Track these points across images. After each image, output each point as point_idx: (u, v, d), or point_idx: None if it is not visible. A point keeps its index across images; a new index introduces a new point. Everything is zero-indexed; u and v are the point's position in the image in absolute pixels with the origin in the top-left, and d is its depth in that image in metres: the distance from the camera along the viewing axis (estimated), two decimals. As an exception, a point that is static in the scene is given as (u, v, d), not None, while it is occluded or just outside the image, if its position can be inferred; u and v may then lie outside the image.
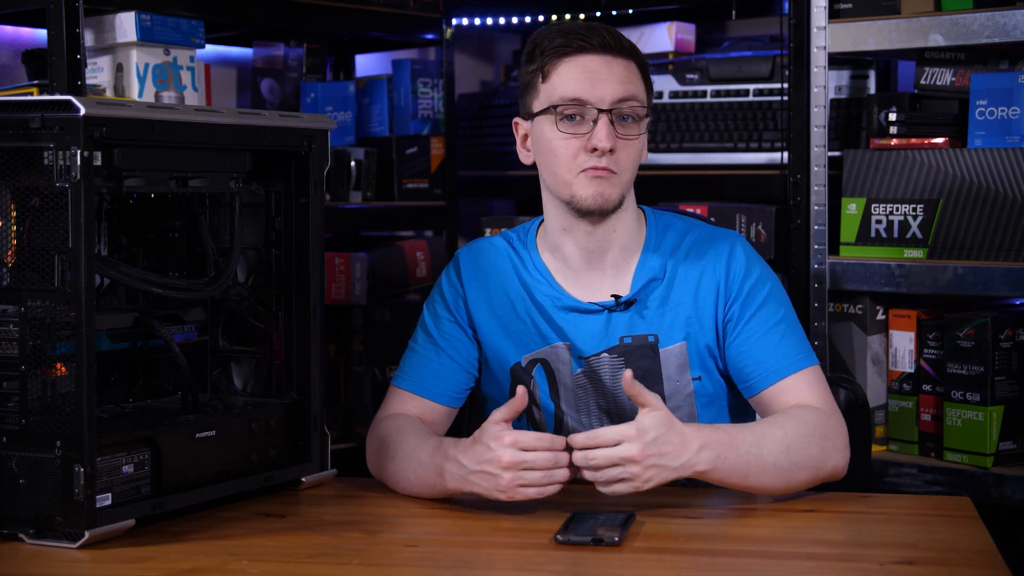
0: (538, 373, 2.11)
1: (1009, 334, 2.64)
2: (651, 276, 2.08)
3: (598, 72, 2.01)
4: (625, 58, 2.03)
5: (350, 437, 3.06)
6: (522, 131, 2.12)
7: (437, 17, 3.24)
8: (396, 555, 1.77)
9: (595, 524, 1.79)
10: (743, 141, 3.00)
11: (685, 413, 2.07)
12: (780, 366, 2.02)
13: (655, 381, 2.06)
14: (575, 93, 2.00)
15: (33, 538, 1.77)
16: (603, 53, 2.02)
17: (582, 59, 2.02)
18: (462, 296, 2.15)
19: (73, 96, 1.74)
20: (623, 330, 2.07)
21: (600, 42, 2.02)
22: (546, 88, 2.03)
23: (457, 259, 2.19)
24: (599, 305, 2.07)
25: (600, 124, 1.99)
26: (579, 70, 2.01)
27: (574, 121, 2.01)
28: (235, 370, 2.21)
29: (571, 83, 2.01)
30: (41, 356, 1.77)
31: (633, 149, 2.03)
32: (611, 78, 2.01)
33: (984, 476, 2.62)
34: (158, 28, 2.65)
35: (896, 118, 2.76)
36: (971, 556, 1.71)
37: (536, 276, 2.12)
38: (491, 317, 2.13)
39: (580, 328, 2.08)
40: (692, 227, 2.13)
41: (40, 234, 1.77)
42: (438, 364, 2.13)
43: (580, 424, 2.10)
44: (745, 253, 2.09)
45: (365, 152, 3.16)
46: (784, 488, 1.94)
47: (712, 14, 3.37)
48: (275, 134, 2.04)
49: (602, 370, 2.07)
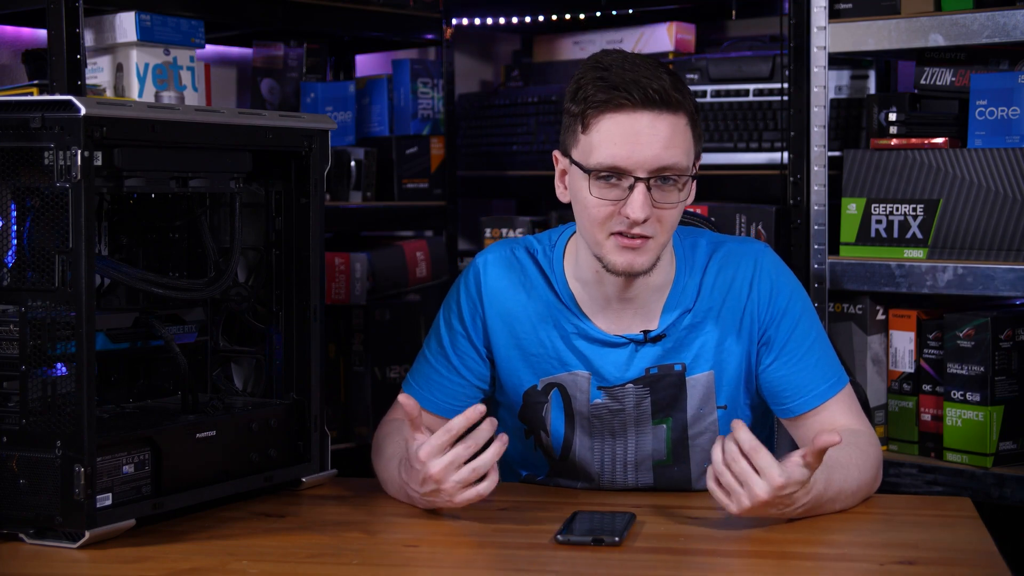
0: (554, 397, 2.07)
1: (1009, 334, 2.64)
2: (683, 309, 2.03)
3: (639, 134, 1.87)
4: (672, 112, 1.88)
5: (350, 437, 3.06)
6: (560, 167, 2.00)
7: (437, 17, 3.24)
8: (396, 555, 1.77)
9: (595, 524, 1.79)
10: (743, 141, 3.00)
11: (707, 439, 2.06)
12: (819, 391, 2.01)
13: (680, 409, 2.04)
14: (612, 161, 1.87)
15: (33, 538, 1.77)
16: (647, 109, 1.87)
17: (624, 117, 1.87)
18: (480, 314, 2.09)
19: (73, 96, 1.74)
20: (650, 362, 2.03)
21: (643, 97, 1.86)
22: (584, 141, 1.91)
23: (477, 270, 2.10)
24: (626, 338, 2.02)
25: (636, 192, 1.87)
26: (619, 130, 1.87)
27: (610, 182, 1.89)
28: (235, 370, 2.21)
29: (608, 146, 1.88)
30: (41, 356, 1.77)
31: (671, 215, 1.92)
32: (653, 142, 1.87)
33: (984, 476, 2.62)
34: (158, 28, 2.65)
35: (896, 118, 2.76)
36: (971, 556, 1.71)
37: (562, 302, 2.05)
38: (509, 337, 2.07)
39: (605, 359, 2.03)
40: (717, 245, 2.06)
41: (40, 234, 1.77)
42: (448, 380, 2.10)
43: (590, 451, 2.08)
44: (771, 270, 2.04)
45: (365, 152, 3.16)
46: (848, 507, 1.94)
47: (712, 14, 3.37)
48: (275, 134, 2.04)
49: (626, 399, 2.04)
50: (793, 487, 1.77)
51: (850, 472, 1.91)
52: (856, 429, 2.00)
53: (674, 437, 2.05)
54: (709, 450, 2.00)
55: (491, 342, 2.09)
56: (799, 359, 2.02)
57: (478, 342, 2.09)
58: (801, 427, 2.03)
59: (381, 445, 2.06)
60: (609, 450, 2.07)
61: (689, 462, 2.07)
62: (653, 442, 2.06)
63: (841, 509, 1.91)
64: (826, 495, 1.86)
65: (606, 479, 2.08)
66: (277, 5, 2.88)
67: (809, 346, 2.03)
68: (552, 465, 2.12)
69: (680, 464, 2.07)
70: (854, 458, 1.93)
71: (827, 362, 2.04)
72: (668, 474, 2.08)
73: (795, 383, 2.02)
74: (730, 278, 2.04)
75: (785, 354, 2.02)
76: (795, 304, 2.04)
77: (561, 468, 2.11)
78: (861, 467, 1.94)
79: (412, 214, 3.29)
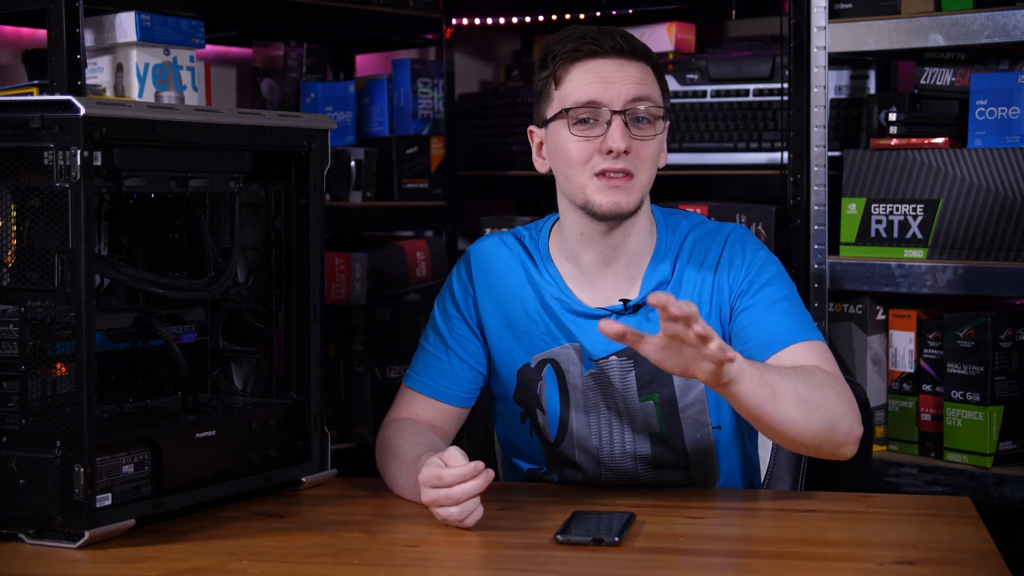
0: (547, 373, 2.10)
1: (1009, 334, 2.64)
2: (660, 280, 2.07)
3: (610, 75, 1.99)
4: (638, 61, 2.01)
5: (350, 437, 3.06)
6: (537, 139, 2.10)
7: (437, 17, 3.24)
8: (396, 555, 1.77)
9: (595, 524, 1.79)
10: (743, 141, 3.00)
11: (697, 410, 2.07)
12: (783, 336, 1.98)
13: (665, 382, 2.05)
14: (588, 96, 1.99)
15: (33, 538, 1.77)
16: (615, 56, 2.00)
17: (594, 63, 2.00)
18: (472, 295, 2.15)
19: (73, 96, 1.74)
20: None
21: (612, 45, 2.00)
22: (559, 93, 2.02)
23: (468, 257, 2.18)
24: (608, 310, 2.06)
25: (614, 125, 1.97)
26: (591, 74, 2.00)
27: (588, 124, 1.99)
28: (235, 370, 2.21)
29: (583, 86, 1.99)
30: (41, 356, 1.77)
31: (649, 149, 2.01)
32: (624, 80, 1.99)
33: (984, 476, 2.62)
34: (158, 28, 2.65)
35: (896, 118, 2.76)
36: (971, 556, 1.71)
37: (547, 279, 2.11)
38: (500, 317, 2.12)
39: (589, 331, 2.07)
40: (695, 225, 2.12)
41: (40, 234, 1.77)
42: (448, 365, 2.13)
43: (587, 426, 2.09)
44: (743, 243, 2.07)
45: (365, 152, 3.16)
46: (805, 427, 1.86)
47: (712, 14, 3.37)
48: (275, 134, 2.04)
49: (611, 372, 2.07)
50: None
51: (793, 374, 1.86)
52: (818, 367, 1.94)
53: (665, 412, 2.06)
54: (699, 420, 2.07)
55: (483, 323, 2.14)
56: (764, 309, 2.01)
57: (472, 323, 2.14)
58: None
59: (389, 446, 2.06)
60: (606, 423, 2.08)
61: (682, 435, 2.08)
62: (644, 417, 2.06)
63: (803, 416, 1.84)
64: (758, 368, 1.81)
65: (605, 452, 2.09)
66: (277, 5, 2.88)
67: (776, 301, 2.02)
68: (548, 452, 2.12)
69: (674, 436, 2.08)
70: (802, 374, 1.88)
71: (796, 319, 2.01)
72: (664, 446, 2.08)
73: (758, 330, 2.00)
74: (704, 252, 2.08)
75: (752, 304, 2.03)
76: (767, 268, 2.05)
77: (558, 453, 2.11)
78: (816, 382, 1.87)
79: (412, 214, 3.30)
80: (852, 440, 1.91)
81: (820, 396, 1.88)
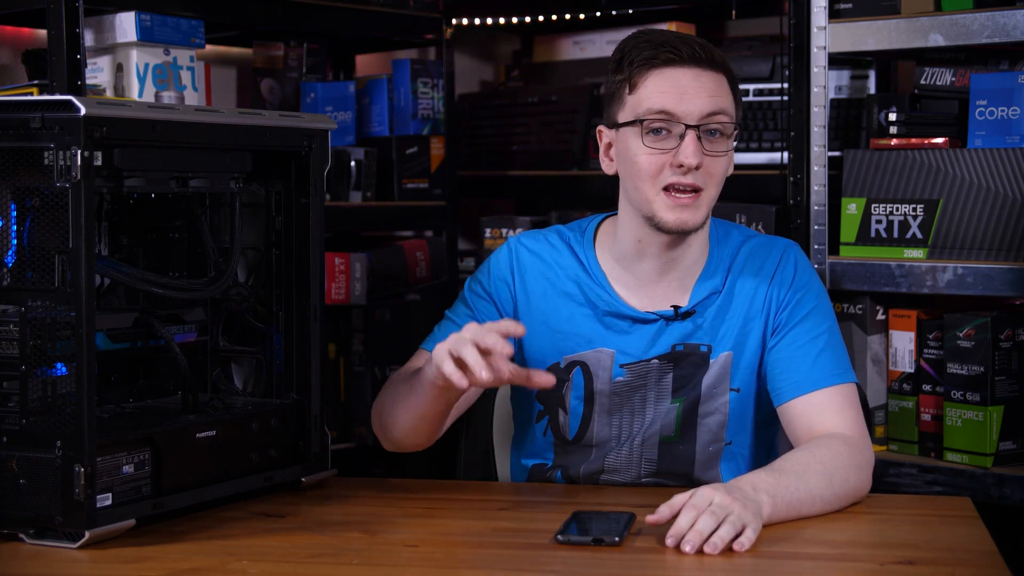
0: (576, 376, 2.09)
1: (1009, 334, 2.64)
2: (711, 290, 2.06)
3: (687, 86, 1.95)
4: (715, 71, 1.98)
5: (350, 437, 3.06)
6: (606, 140, 2.07)
7: (437, 17, 3.24)
8: (396, 555, 1.77)
9: (595, 524, 1.79)
10: (743, 141, 3.00)
11: (716, 421, 2.07)
12: (813, 378, 2.00)
13: (694, 387, 2.06)
14: (662, 105, 1.95)
15: (33, 538, 1.77)
16: (693, 66, 1.96)
17: (671, 71, 1.96)
18: (511, 287, 2.12)
19: (73, 96, 1.74)
20: (677, 339, 2.06)
21: (690, 54, 1.96)
22: (632, 99, 1.98)
23: (512, 248, 2.15)
24: (656, 315, 2.05)
25: (687, 140, 1.94)
26: (667, 83, 1.96)
27: (660, 135, 1.96)
28: (235, 370, 2.21)
29: (658, 95, 1.96)
30: (41, 356, 1.77)
31: (720, 165, 1.99)
32: (700, 92, 1.95)
33: (984, 476, 2.62)
34: (158, 28, 2.65)
35: (896, 118, 2.76)
36: (971, 556, 1.71)
37: (593, 280, 2.09)
38: (537, 314, 2.10)
39: (633, 335, 2.06)
40: (748, 238, 2.11)
41: (40, 234, 1.77)
42: None
43: (608, 426, 2.09)
44: (796, 263, 2.08)
45: (365, 152, 3.16)
46: (825, 511, 1.89)
47: (712, 14, 3.37)
48: (275, 134, 2.04)
49: (649, 374, 2.06)
50: (710, 487, 1.74)
51: (814, 472, 1.86)
52: (839, 434, 1.96)
53: (684, 411, 2.06)
54: (715, 431, 2.06)
55: (519, 315, 2.11)
56: (800, 346, 2.02)
57: (504, 309, 2.12)
58: (788, 413, 2.01)
59: (392, 380, 2.09)
60: (627, 426, 2.08)
61: (695, 442, 2.08)
62: (663, 420, 2.06)
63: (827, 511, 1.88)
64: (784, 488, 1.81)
65: (611, 452, 2.09)
66: (277, 5, 2.88)
67: (815, 337, 2.03)
68: (560, 449, 2.12)
69: (686, 443, 2.08)
70: (826, 460, 1.88)
71: (830, 357, 2.02)
72: (673, 452, 2.08)
73: (790, 367, 2.02)
74: (758, 266, 2.08)
75: (788, 337, 2.03)
76: (810, 296, 2.06)
77: (571, 450, 2.11)
78: (838, 470, 1.88)
79: (412, 214, 3.30)
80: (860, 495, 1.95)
81: (840, 483, 1.89)
